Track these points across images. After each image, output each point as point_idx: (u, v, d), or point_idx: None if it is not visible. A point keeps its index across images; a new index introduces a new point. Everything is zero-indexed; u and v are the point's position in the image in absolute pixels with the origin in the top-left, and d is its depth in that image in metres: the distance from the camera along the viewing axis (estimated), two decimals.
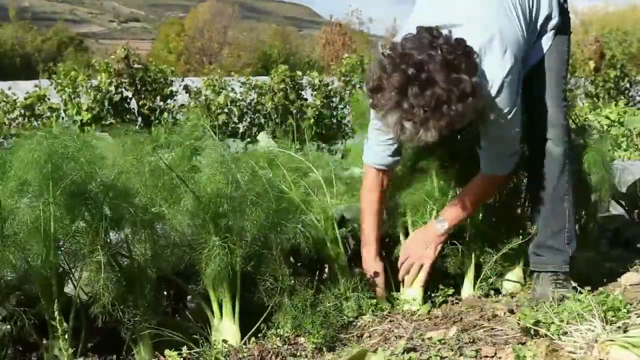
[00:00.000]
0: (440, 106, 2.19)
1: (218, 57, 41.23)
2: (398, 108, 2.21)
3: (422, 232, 2.77)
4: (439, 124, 2.21)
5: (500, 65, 2.42)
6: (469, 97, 2.22)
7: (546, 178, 2.71)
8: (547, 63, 2.70)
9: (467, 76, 2.22)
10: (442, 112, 2.19)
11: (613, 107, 10.07)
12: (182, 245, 2.36)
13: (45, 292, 2.13)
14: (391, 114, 2.24)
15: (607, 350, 1.96)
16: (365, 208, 2.79)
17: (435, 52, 2.21)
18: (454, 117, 2.21)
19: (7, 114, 11.56)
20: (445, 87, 2.18)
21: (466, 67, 2.23)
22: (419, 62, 2.20)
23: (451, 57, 2.21)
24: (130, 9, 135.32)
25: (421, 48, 2.23)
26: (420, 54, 2.21)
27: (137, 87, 12.15)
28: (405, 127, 2.24)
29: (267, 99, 12.49)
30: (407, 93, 2.19)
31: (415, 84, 2.18)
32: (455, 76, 2.20)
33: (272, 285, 2.38)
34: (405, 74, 2.19)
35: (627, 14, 38.70)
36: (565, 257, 2.72)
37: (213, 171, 2.31)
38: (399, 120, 2.23)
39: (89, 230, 2.14)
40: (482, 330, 2.42)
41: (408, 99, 2.19)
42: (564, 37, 2.76)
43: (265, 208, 2.37)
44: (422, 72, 2.18)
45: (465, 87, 2.20)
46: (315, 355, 2.28)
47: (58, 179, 2.07)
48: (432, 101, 2.18)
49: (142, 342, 2.24)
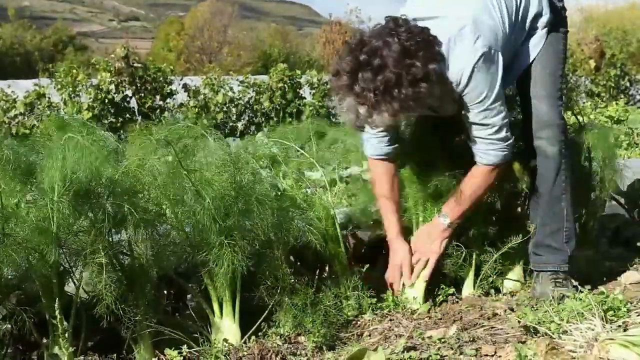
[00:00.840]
0: (391, 90, 2.25)
1: (218, 56, 41.22)
2: (350, 92, 2.29)
3: (427, 229, 2.77)
4: (391, 108, 2.28)
5: (471, 52, 2.43)
6: (421, 82, 2.27)
7: (542, 178, 2.71)
8: (541, 62, 2.71)
9: (423, 62, 2.28)
10: (392, 96, 2.26)
11: (615, 105, 10.06)
12: (183, 244, 2.36)
13: (45, 291, 2.13)
14: (345, 98, 2.31)
15: (607, 349, 1.96)
16: (379, 197, 2.80)
17: (392, 39, 2.29)
18: (405, 100, 2.27)
19: (7, 113, 11.56)
20: (396, 72, 2.25)
21: (423, 53, 2.29)
22: (373, 48, 2.28)
23: (408, 44, 2.28)
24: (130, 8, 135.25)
25: (379, 36, 2.32)
26: (377, 41, 2.30)
27: (137, 86, 12.15)
28: (358, 112, 2.30)
29: (264, 98, 12.49)
30: (359, 77, 2.26)
31: (367, 69, 2.26)
32: (408, 62, 2.27)
33: (273, 284, 2.38)
34: (358, 59, 2.28)
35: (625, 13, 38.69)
36: (564, 257, 2.72)
37: (218, 170, 2.31)
38: (353, 105, 2.30)
39: (91, 230, 2.14)
40: (482, 329, 2.42)
41: (359, 83, 2.26)
42: (559, 34, 2.76)
43: (270, 207, 2.37)
44: (374, 58, 2.26)
45: (417, 72, 2.27)
46: (315, 354, 2.28)
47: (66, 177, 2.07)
48: (382, 85, 2.24)
49: (143, 341, 2.24)
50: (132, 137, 2.52)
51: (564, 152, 2.70)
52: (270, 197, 2.41)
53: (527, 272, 2.89)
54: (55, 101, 11.90)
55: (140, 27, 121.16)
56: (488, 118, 2.53)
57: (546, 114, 2.68)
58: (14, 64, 44.07)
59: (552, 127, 2.68)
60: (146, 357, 2.23)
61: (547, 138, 2.67)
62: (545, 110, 2.68)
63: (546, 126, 2.67)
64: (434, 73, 2.30)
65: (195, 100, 12.54)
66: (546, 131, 2.67)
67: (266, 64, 33.87)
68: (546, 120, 2.67)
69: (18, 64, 44.71)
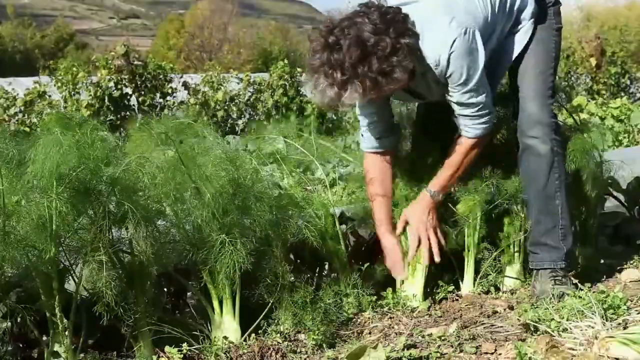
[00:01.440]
0: (357, 67, 2.27)
1: (218, 54, 41.15)
2: (320, 72, 2.30)
3: (415, 203, 2.77)
4: (361, 86, 2.28)
5: (447, 33, 2.45)
6: (391, 56, 2.28)
7: (536, 176, 2.72)
8: (532, 60, 2.73)
9: (392, 37, 2.29)
10: (359, 73, 2.27)
11: (618, 102, 10.04)
12: (183, 242, 2.36)
13: (45, 289, 2.13)
14: (316, 78, 2.32)
15: (607, 347, 1.97)
16: (371, 192, 2.80)
17: (362, 19, 2.31)
18: (374, 77, 2.28)
19: (7, 110, 11.56)
20: (363, 49, 2.26)
21: (393, 29, 2.30)
22: (342, 28, 2.30)
23: (377, 22, 2.29)
24: (130, 6, 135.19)
25: (349, 18, 2.33)
26: (347, 22, 2.32)
27: (136, 84, 12.13)
28: (326, 91, 2.31)
29: (266, 96, 12.47)
30: (328, 58, 2.28)
31: (336, 49, 2.28)
32: (376, 38, 2.28)
33: (273, 281, 2.38)
34: (327, 40, 2.30)
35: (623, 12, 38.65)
36: (561, 254, 2.72)
37: (217, 168, 2.31)
38: (322, 84, 2.31)
39: (91, 227, 2.14)
40: (482, 326, 2.42)
41: (328, 63, 2.28)
42: (551, 31, 2.78)
43: (267, 204, 2.37)
44: (343, 38, 2.28)
45: (386, 46, 2.27)
46: (315, 351, 2.28)
47: (63, 175, 2.07)
48: (349, 64, 2.26)
49: (143, 338, 2.24)
50: (132, 131, 2.52)
51: (556, 150, 2.71)
52: (268, 194, 2.42)
53: (527, 270, 2.90)
54: (56, 99, 11.89)
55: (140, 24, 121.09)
56: (473, 98, 2.56)
57: (536, 113, 2.69)
58: (14, 61, 44.03)
59: (543, 125, 2.69)
60: (146, 355, 2.23)
61: (538, 137, 2.69)
62: (536, 110, 2.69)
63: (536, 125, 2.69)
64: (405, 47, 2.31)
65: (195, 98, 12.53)
66: (537, 130, 2.69)
67: (266, 61, 33.82)
68: (536, 119, 2.69)
69: (18, 61, 44.68)
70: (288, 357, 2.23)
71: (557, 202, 2.72)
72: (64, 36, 52.43)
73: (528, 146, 2.71)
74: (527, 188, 2.77)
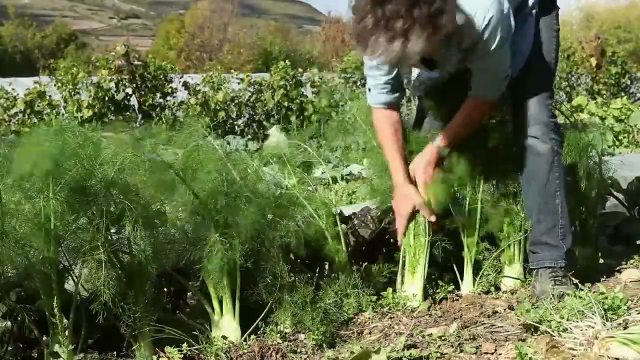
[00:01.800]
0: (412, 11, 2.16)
1: (218, 54, 41.15)
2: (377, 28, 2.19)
3: (421, 156, 2.76)
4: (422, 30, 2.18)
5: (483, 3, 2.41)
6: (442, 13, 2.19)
7: (535, 175, 2.73)
8: (532, 61, 2.73)
9: None
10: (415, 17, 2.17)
11: (619, 102, 10.04)
12: (182, 241, 2.36)
13: (45, 289, 2.13)
14: (374, 39, 2.21)
15: (607, 347, 1.96)
16: (383, 143, 2.79)
17: None
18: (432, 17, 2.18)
19: (7, 110, 11.55)
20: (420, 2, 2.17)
21: None
22: None
23: None
24: (130, 6, 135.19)
25: None
26: None
27: (137, 84, 12.12)
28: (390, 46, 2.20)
29: (267, 97, 12.47)
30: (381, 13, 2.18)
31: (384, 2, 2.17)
32: None
33: (272, 282, 2.38)
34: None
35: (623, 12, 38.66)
36: (560, 253, 2.72)
37: (210, 168, 2.32)
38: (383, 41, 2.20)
39: (89, 227, 2.14)
40: (482, 326, 2.42)
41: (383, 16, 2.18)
42: (551, 32, 2.79)
43: (259, 204, 2.37)
44: None
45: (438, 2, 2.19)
46: (315, 351, 2.28)
47: (59, 175, 2.07)
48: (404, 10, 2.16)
49: (143, 338, 2.23)
50: None
51: (556, 150, 2.72)
52: (265, 194, 2.42)
53: (527, 270, 2.90)
54: (56, 99, 11.88)
55: (140, 24, 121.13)
56: (502, 63, 2.57)
57: (536, 112, 2.70)
58: (15, 61, 44.04)
59: (542, 125, 2.69)
60: (146, 355, 2.23)
61: (537, 136, 2.70)
62: (535, 109, 2.70)
63: (536, 124, 2.69)
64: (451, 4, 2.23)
65: (195, 98, 12.52)
66: (536, 129, 2.69)
67: (267, 61, 33.81)
68: (535, 118, 2.70)
69: (19, 61, 44.70)
70: (288, 357, 2.23)
71: (557, 201, 2.72)
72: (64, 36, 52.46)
73: (528, 146, 2.72)
74: (527, 187, 2.78)
